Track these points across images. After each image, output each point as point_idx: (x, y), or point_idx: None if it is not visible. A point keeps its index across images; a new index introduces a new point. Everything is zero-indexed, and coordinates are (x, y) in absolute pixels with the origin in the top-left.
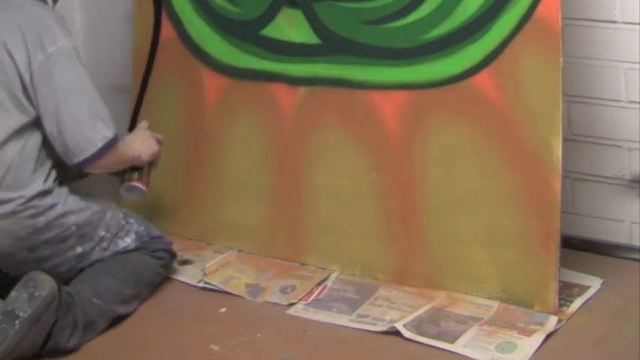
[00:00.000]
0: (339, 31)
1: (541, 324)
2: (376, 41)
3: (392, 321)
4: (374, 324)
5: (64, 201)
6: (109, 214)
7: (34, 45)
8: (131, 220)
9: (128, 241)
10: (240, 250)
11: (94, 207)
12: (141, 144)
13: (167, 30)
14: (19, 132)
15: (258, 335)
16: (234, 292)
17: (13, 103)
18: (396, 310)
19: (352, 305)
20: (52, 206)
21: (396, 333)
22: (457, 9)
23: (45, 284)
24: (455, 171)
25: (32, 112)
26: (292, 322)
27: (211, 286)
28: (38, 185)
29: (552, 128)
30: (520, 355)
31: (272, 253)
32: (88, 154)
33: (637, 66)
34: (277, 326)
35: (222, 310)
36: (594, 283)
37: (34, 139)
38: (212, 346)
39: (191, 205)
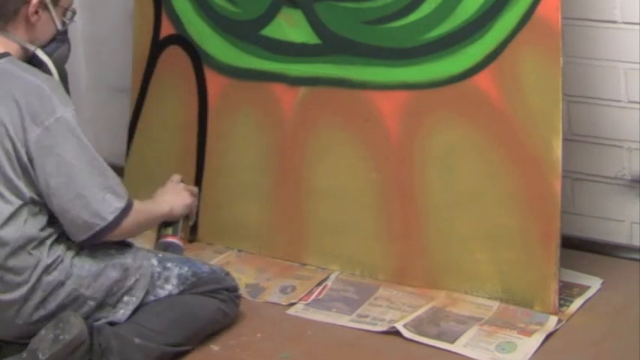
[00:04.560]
0: (339, 31)
1: (541, 324)
2: (376, 41)
3: (392, 321)
4: (374, 324)
5: (77, 274)
6: (131, 280)
7: (29, 118)
8: (169, 265)
9: (169, 288)
10: (240, 250)
11: (112, 274)
12: (172, 197)
13: (167, 30)
14: (16, 213)
15: (258, 335)
16: None
17: (6, 186)
18: (396, 310)
19: (352, 305)
20: (61, 284)
21: (396, 333)
22: (457, 9)
23: (72, 329)
24: (455, 171)
25: (27, 194)
26: (292, 322)
27: None
28: (43, 261)
29: (552, 128)
30: (520, 355)
31: (272, 253)
32: (97, 228)
33: (637, 66)
34: (277, 326)
35: None
36: (594, 283)
37: (34, 215)
38: (212, 346)
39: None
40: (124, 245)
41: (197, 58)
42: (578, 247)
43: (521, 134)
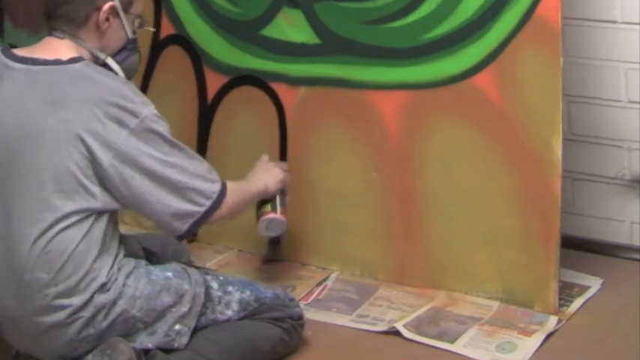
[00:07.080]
0: (339, 31)
1: (541, 324)
2: (376, 41)
3: (392, 321)
4: (374, 324)
5: (130, 295)
6: (185, 307)
7: (113, 122)
8: (230, 289)
9: (229, 314)
10: (240, 250)
11: (166, 299)
12: (265, 175)
13: (167, 30)
14: (83, 216)
15: None
16: None
17: (80, 188)
18: (396, 310)
19: (352, 305)
20: (113, 302)
21: (396, 333)
22: (457, 9)
23: (120, 356)
24: (455, 171)
25: (100, 199)
26: None
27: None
28: (102, 277)
29: (552, 128)
30: (520, 355)
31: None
32: (197, 216)
33: (637, 66)
34: None
35: None
36: (594, 283)
37: (100, 223)
38: None
39: None
40: (182, 268)
41: (197, 58)
42: (578, 247)
43: (521, 134)
